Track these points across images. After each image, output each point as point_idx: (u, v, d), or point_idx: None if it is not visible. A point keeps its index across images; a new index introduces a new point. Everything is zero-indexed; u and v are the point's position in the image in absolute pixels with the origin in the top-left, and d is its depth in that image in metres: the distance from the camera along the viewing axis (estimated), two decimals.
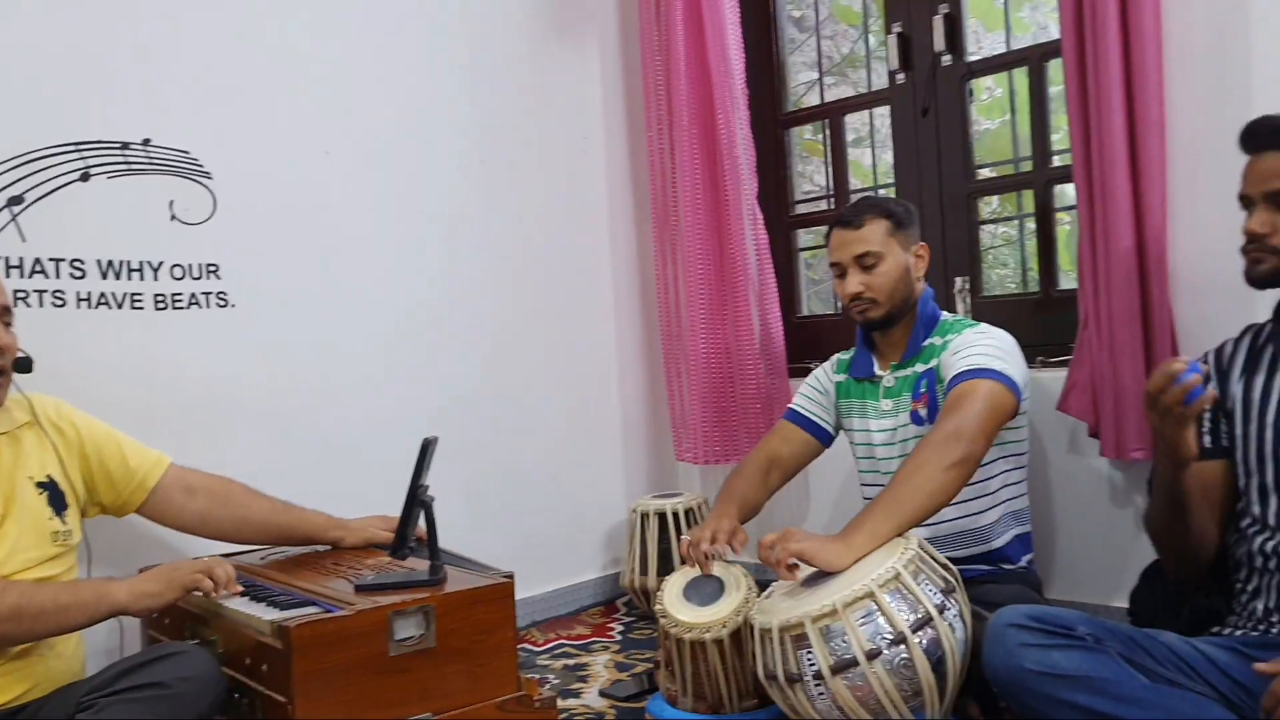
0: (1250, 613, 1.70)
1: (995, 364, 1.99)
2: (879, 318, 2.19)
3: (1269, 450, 1.67)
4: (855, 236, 2.17)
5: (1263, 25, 2.05)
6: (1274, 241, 1.60)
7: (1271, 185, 1.60)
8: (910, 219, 2.22)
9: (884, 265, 2.16)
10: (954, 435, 1.85)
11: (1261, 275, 1.63)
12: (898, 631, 1.61)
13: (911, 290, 2.20)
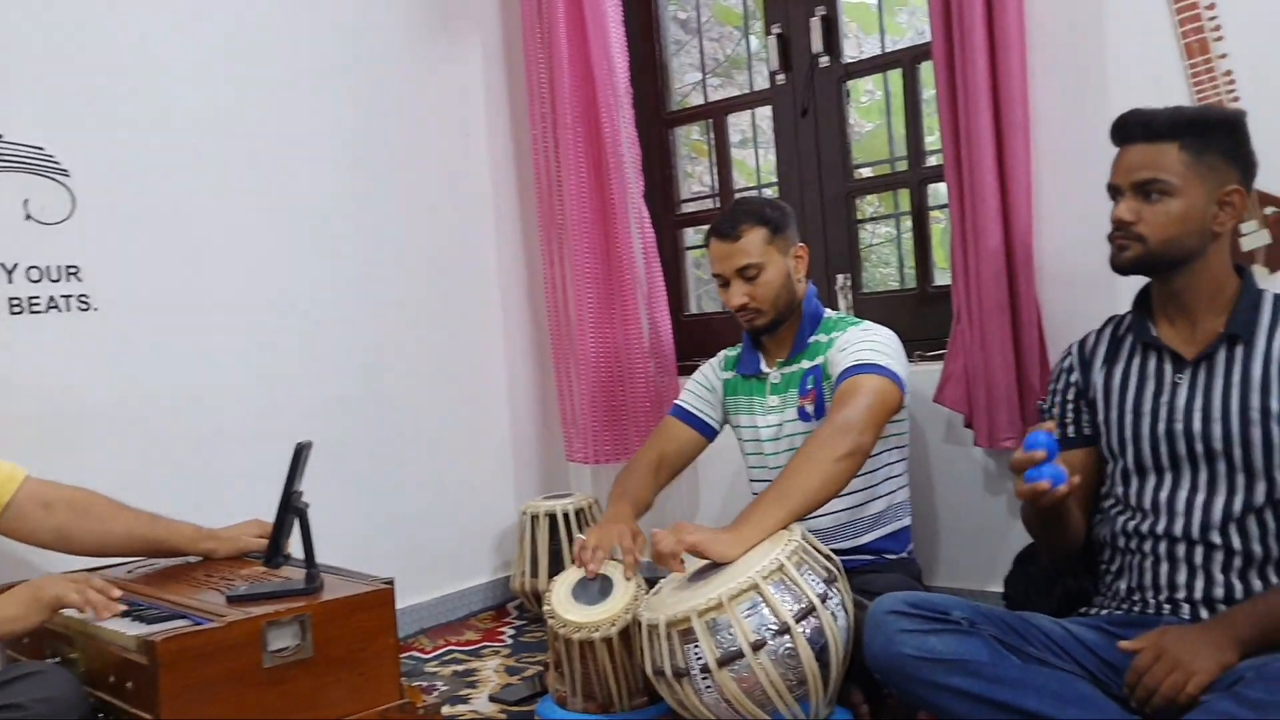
0: (1115, 592, 1.77)
1: (881, 359, 2.04)
2: (765, 325, 2.22)
3: (1129, 435, 1.74)
4: (735, 249, 2.18)
5: (1116, 30, 2.14)
6: (1139, 229, 1.66)
7: (1138, 175, 1.66)
8: (786, 222, 2.22)
9: (765, 275, 2.17)
10: (843, 428, 1.89)
11: (1126, 262, 1.70)
12: (782, 622, 1.62)
13: (794, 293, 2.22)
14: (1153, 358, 1.74)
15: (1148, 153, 1.66)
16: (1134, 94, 2.03)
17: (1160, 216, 1.64)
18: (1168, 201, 1.64)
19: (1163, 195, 1.64)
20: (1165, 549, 1.69)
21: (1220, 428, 1.64)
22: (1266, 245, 2.03)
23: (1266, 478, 1.61)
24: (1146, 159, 1.66)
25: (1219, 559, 1.64)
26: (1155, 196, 1.64)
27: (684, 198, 3.15)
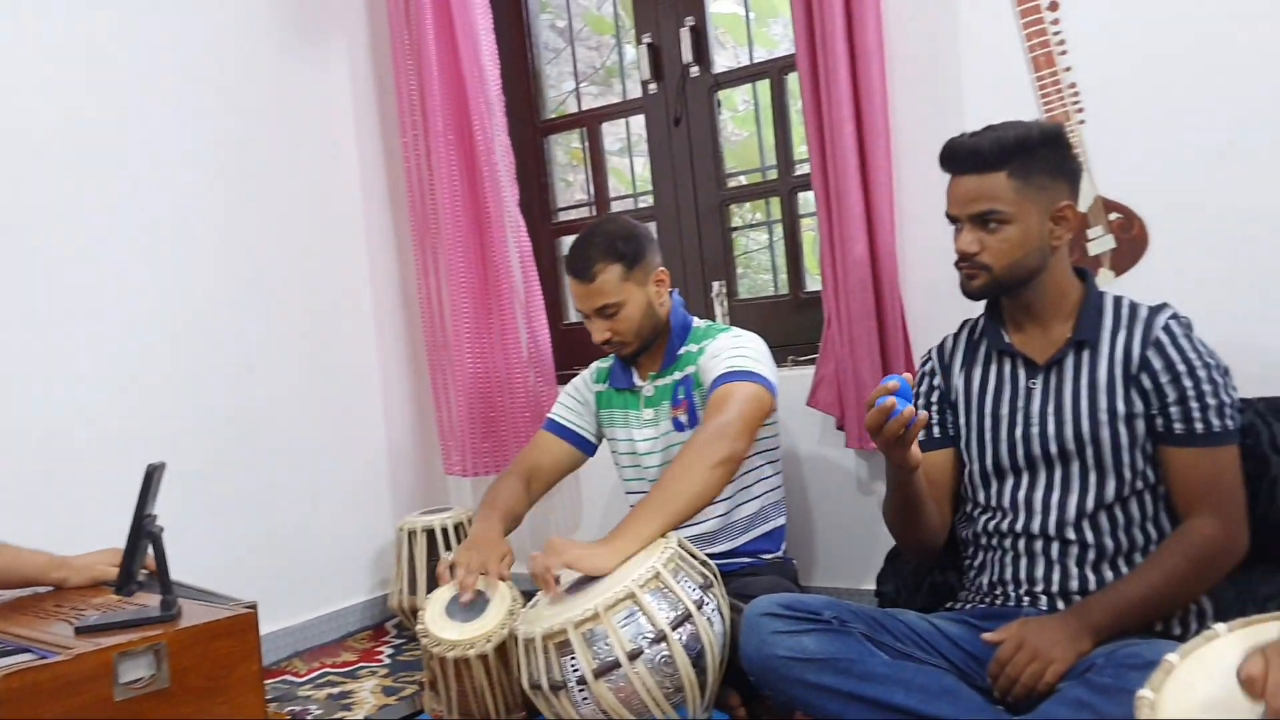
0: (978, 587, 1.83)
1: (752, 365, 2.06)
2: (632, 354, 2.23)
3: (988, 439, 1.80)
4: (591, 290, 2.15)
5: (970, 43, 2.22)
6: (982, 259, 1.71)
7: (974, 208, 1.70)
8: (641, 251, 2.16)
9: (625, 311, 2.15)
10: (718, 435, 1.90)
11: (975, 290, 1.75)
12: (658, 630, 1.62)
13: (658, 318, 2.21)
14: (1007, 363, 1.81)
15: (979, 184, 1.70)
16: (987, 104, 2.13)
17: (1001, 244, 1.69)
18: (1005, 229, 1.69)
19: (1000, 224, 1.69)
20: (1024, 545, 1.75)
21: (1072, 429, 1.70)
22: (1112, 249, 2.13)
23: (1116, 475, 1.69)
24: (979, 190, 1.70)
25: (1074, 553, 1.71)
26: (993, 226, 1.69)
27: (561, 206, 3.14)
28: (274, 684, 2.49)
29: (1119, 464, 1.69)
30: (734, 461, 1.91)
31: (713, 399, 2.01)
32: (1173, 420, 1.65)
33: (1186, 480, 1.65)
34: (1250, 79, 1.95)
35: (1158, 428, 1.67)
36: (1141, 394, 1.67)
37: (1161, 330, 1.68)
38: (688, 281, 2.78)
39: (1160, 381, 1.66)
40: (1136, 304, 1.73)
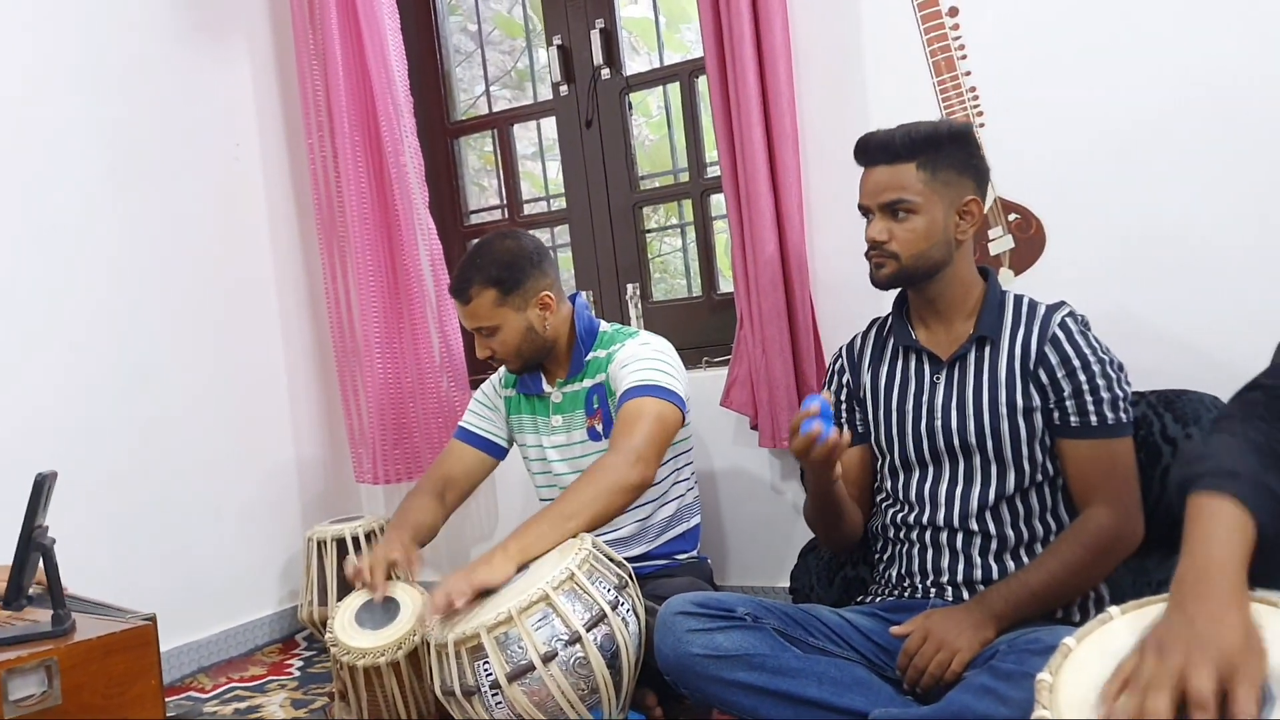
0: (887, 579, 1.86)
1: (662, 379, 2.05)
2: (519, 370, 2.22)
3: (895, 433, 1.84)
4: (467, 311, 2.14)
5: (874, 48, 2.27)
6: (891, 247, 1.75)
7: (884, 197, 1.75)
8: (521, 278, 2.12)
9: (501, 334, 2.14)
10: (633, 459, 1.90)
11: (884, 278, 1.79)
12: (573, 631, 1.62)
13: (544, 339, 2.18)
14: (913, 359, 1.85)
15: (889, 174, 1.75)
16: (891, 106, 2.17)
17: (908, 234, 1.74)
18: (913, 219, 1.73)
19: (908, 214, 1.73)
20: (930, 537, 1.79)
21: (974, 423, 1.75)
22: (1011, 249, 2.20)
23: (1016, 468, 1.74)
24: (889, 180, 1.75)
25: (977, 544, 1.75)
26: (902, 215, 1.74)
27: (473, 209, 3.11)
28: (177, 700, 2.41)
29: (1019, 457, 1.74)
30: (644, 488, 1.92)
31: (622, 415, 2.01)
32: (1069, 413, 1.71)
33: (1083, 471, 1.70)
34: (1141, 84, 2.02)
35: (1055, 421, 1.72)
36: (1039, 389, 1.73)
37: (1058, 327, 1.73)
38: (601, 284, 2.78)
39: (1057, 376, 1.71)
40: (1036, 302, 1.79)
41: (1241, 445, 1.12)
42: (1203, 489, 1.09)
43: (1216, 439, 1.16)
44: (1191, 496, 1.10)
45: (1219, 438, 1.16)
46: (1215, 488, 1.08)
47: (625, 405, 2.02)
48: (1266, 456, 1.11)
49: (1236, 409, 1.20)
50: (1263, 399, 1.18)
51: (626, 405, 2.01)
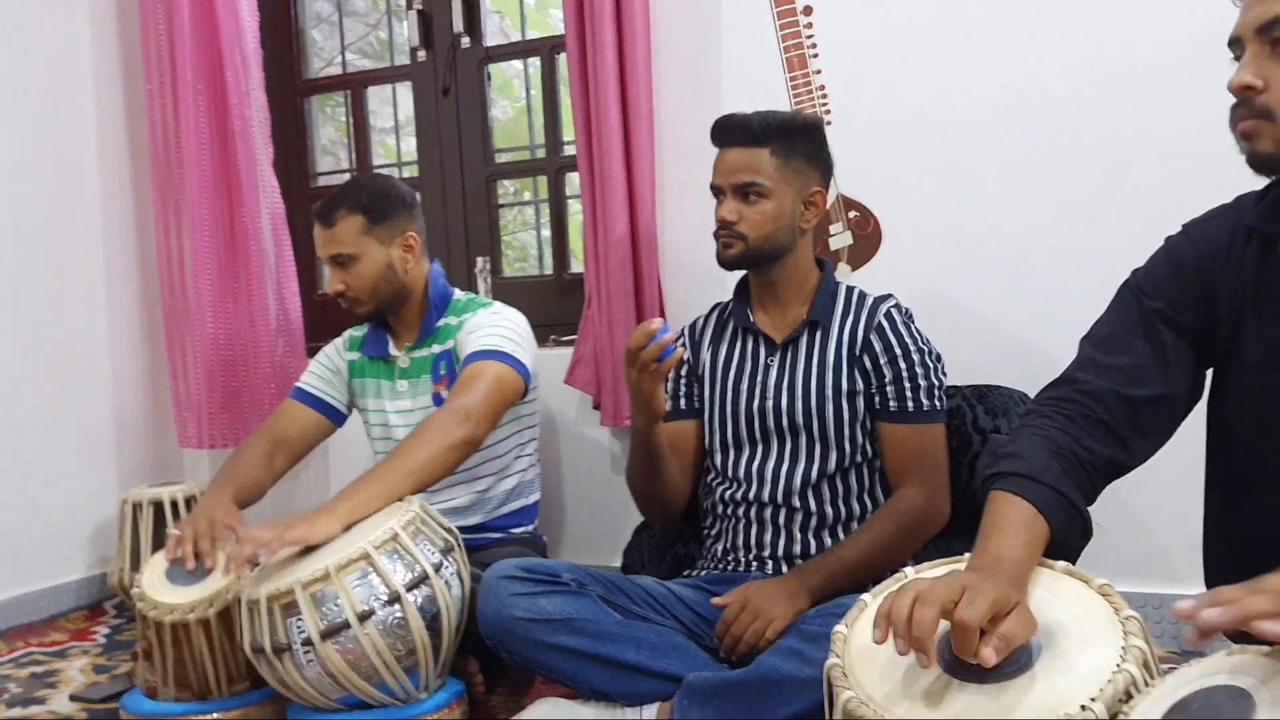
0: (713, 554, 1.91)
1: (507, 346, 2.04)
2: (366, 314, 2.17)
3: (728, 411, 1.89)
4: (328, 236, 2.10)
5: (731, 40, 2.32)
6: (740, 228, 1.81)
7: (737, 179, 1.81)
8: (392, 210, 2.12)
9: (359, 266, 2.10)
10: (461, 416, 1.88)
11: (731, 258, 1.84)
12: (392, 591, 1.59)
13: (401, 283, 2.15)
14: (750, 341, 1.91)
15: (744, 156, 1.81)
16: (745, 97, 2.21)
17: (757, 216, 1.80)
18: (763, 203, 1.80)
19: (759, 197, 1.80)
20: (755, 513, 1.85)
21: (802, 404, 1.82)
22: (850, 245, 2.28)
23: (838, 448, 1.81)
24: (743, 162, 1.81)
25: (799, 520, 1.82)
26: (753, 198, 1.80)
27: (320, 170, 3.02)
28: None
29: (841, 438, 1.81)
30: (472, 445, 1.89)
31: (462, 376, 1.99)
32: (889, 398, 1.79)
33: (898, 453, 1.79)
34: (972, 94, 2.14)
35: (876, 405, 1.81)
36: (863, 374, 1.81)
37: (884, 317, 1.82)
38: (451, 256, 2.75)
39: (880, 363, 1.80)
40: (865, 293, 1.88)
41: (1047, 448, 1.19)
42: (1005, 488, 1.16)
43: (1025, 438, 1.22)
44: (994, 491, 1.17)
45: (1027, 437, 1.22)
46: (1017, 490, 1.15)
47: (467, 368, 2.00)
48: (1068, 461, 1.18)
49: (1047, 406, 1.26)
50: (1073, 396, 1.25)
51: (467, 369, 2.00)
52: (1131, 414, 1.22)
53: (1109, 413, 1.22)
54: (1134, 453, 1.23)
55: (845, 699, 1.04)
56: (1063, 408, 1.24)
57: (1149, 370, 1.24)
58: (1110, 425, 1.22)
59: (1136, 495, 2.03)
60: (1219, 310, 1.23)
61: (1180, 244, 1.29)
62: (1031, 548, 1.11)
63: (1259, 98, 1.10)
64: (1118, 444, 1.22)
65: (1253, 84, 1.10)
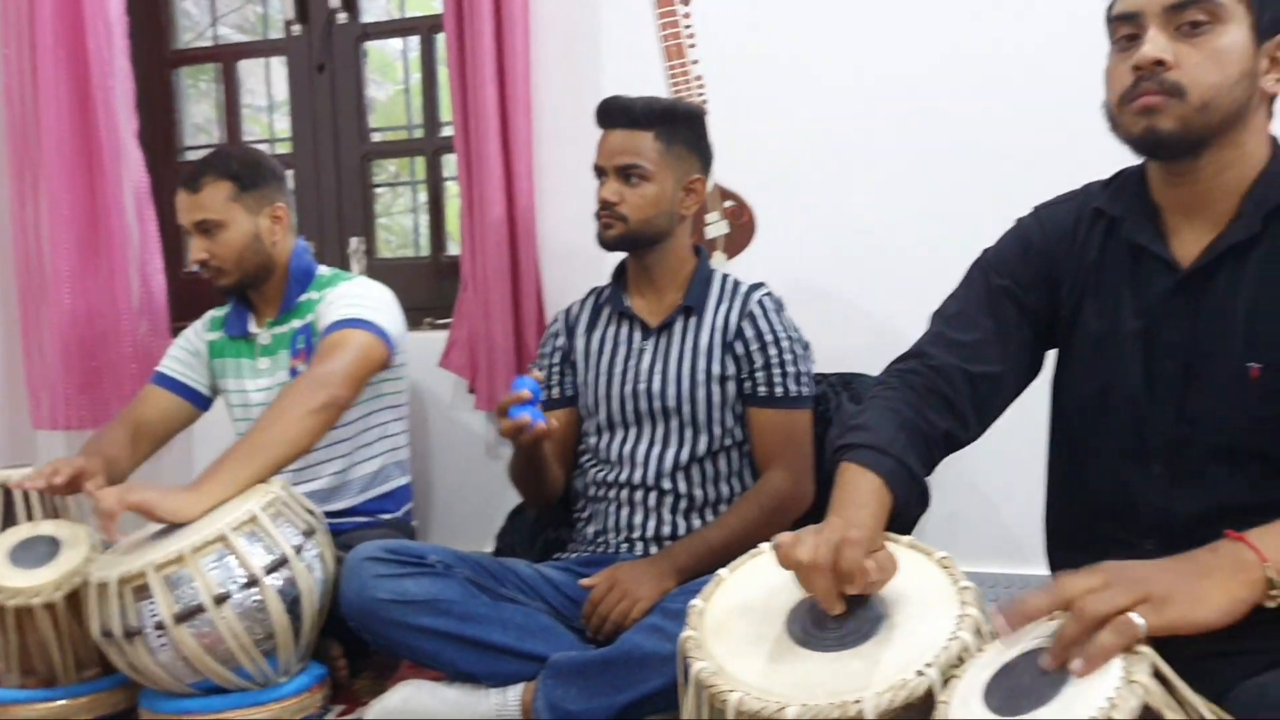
0: (584, 537, 1.92)
1: (368, 314, 2.00)
2: (230, 285, 2.12)
3: (602, 394, 1.91)
4: (194, 201, 2.05)
5: (611, 26, 2.32)
6: (621, 209, 1.83)
7: (620, 160, 1.83)
8: (262, 179, 2.10)
9: (226, 233, 2.06)
10: (320, 381, 1.84)
11: (611, 239, 1.86)
12: (250, 574, 1.56)
13: (267, 254, 2.11)
14: (625, 325, 1.93)
15: (628, 138, 1.83)
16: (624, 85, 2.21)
17: (638, 199, 1.82)
18: (644, 186, 1.82)
19: (641, 180, 1.82)
20: (626, 495, 1.87)
21: (674, 388, 1.85)
22: (725, 234, 2.32)
23: (709, 432, 1.85)
24: (626, 145, 1.83)
25: (669, 502, 1.85)
26: (634, 180, 1.82)
27: (188, 144, 2.92)
28: None
29: (711, 421, 1.85)
30: (334, 409, 1.84)
31: (323, 345, 1.96)
32: (758, 384, 1.84)
33: (765, 437, 1.84)
34: (845, 88, 2.19)
35: (746, 390, 1.85)
36: (735, 359, 1.85)
37: (756, 305, 1.86)
38: (324, 236, 2.68)
39: (750, 349, 1.84)
40: (739, 281, 1.92)
41: (895, 421, 1.24)
42: (855, 460, 1.20)
43: (874, 411, 1.26)
44: (845, 462, 1.21)
45: (877, 410, 1.26)
46: (866, 462, 1.19)
47: (328, 337, 1.97)
48: (913, 434, 1.23)
49: (895, 378, 1.31)
50: (920, 370, 1.30)
51: (329, 337, 1.96)
52: (972, 390, 1.28)
53: (952, 388, 1.27)
54: (969, 428, 1.29)
55: (697, 670, 1.07)
56: (910, 380, 1.29)
57: (991, 347, 1.29)
58: (952, 400, 1.27)
59: (989, 480, 2.14)
60: (1062, 291, 1.29)
61: (1030, 226, 1.35)
62: (879, 518, 1.16)
63: (1169, 73, 1.12)
64: (957, 419, 1.28)
65: (1164, 58, 1.12)
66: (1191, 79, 1.12)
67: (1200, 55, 1.12)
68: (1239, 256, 1.17)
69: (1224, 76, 1.12)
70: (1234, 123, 1.14)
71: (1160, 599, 0.93)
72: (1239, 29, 1.12)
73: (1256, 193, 1.17)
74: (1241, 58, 1.12)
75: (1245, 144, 1.16)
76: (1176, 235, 1.21)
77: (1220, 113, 1.13)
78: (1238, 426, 1.16)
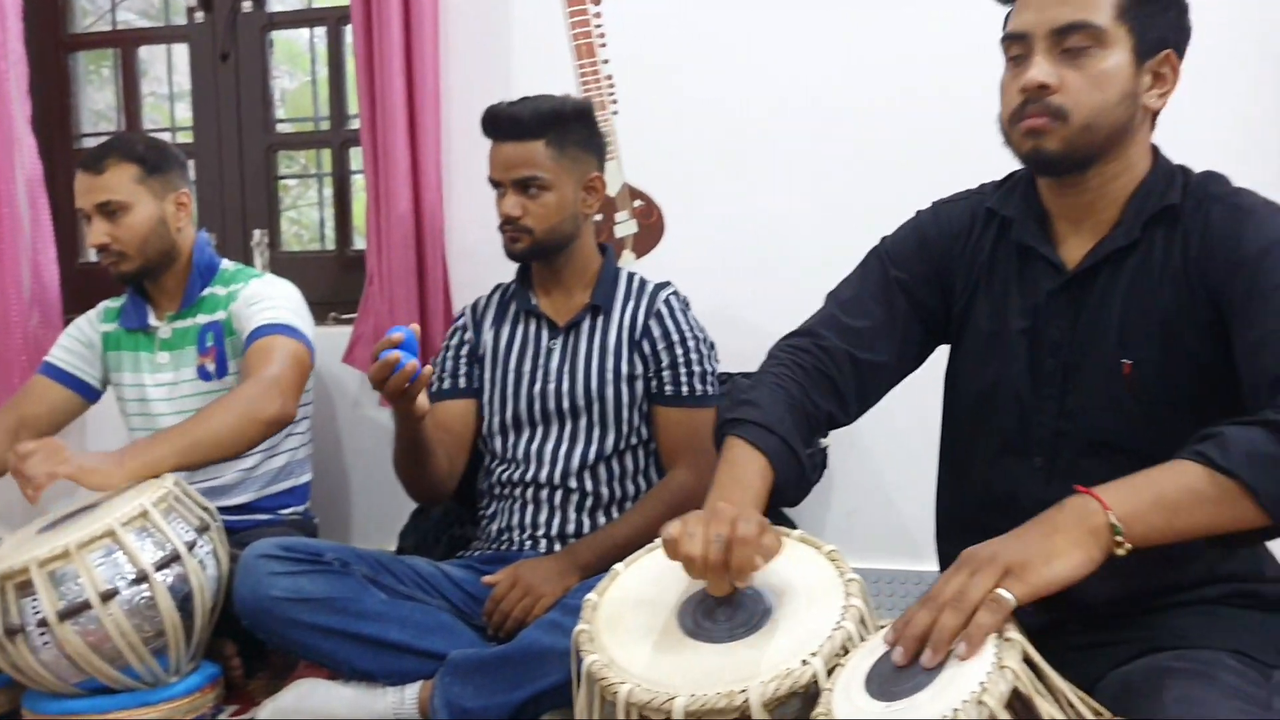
0: (488, 535, 1.92)
1: (293, 320, 2.00)
2: (133, 270, 2.06)
3: (509, 393, 1.91)
4: (97, 183, 2.00)
5: (522, 22, 2.33)
6: (526, 222, 1.82)
7: (517, 174, 1.81)
8: (167, 164, 2.08)
9: (130, 216, 2.01)
10: (276, 391, 1.82)
11: (519, 252, 1.85)
12: (140, 570, 1.53)
13: (171, 241, 2.07)
14: (532, 324, 1.93)
15: (520, 150, 1.82)
16: (534, 80, 2.23)
17: (541, 209, 1.82)
18: (545, 195, 1.82)
19: (540, 190, 1.81)
20: (531, 494, 1.87)
21: (583, 387, 1.85)
22: (635, 233, 2.33)
23: (616, 430, 1.86)
24: (521, 157, 1.82)
25: (574, 500, 1.85)
26: (534, 191, 1.81)
27: (86, 132, 2.83)
28: None
29: (619, 420, 1.86)
30: (282, 424, 1.84)
31: (254, 350, 1.93)
32: (664, 382, 1.85)
33: (670, 435, 1.85)
34: (751, 92, 2.23)
35: (653, 389, 1.86)
36: (642, 358, 1.86)
37: (662, 304, 1.88)
38: (226, 228, 2.63)
39: (658, 348, 1.86)
40: (645, 280, 1.93)
41: (784, 400, 1.27)
42: (743, 435, 1.22)
43: (764, 388, 1.29)
44: (731, 437, 1.23)
45: (766, 387, 1.29)
46: (753, 439, 1.22)
47: (258, 341, 1.94)
48: (798, 415, 1.26)
49: (786, 354, 1.34)
50: (811, 349, 1.32)
51: (259, 341, 1.94)
52: (858, 376, 1.32)
53: (839, 372, 1.31)
54: (850, 412, 1.34)
55: (589, 663, 1.08)
56: (801, 358, 1.32)
57: (881, 337, 1.33)
58: (838, 384, 1.31)
59: (888, 479, 2.20)
60: (955, 288, 1.34)
61: (927, 222, 1.39)
62: (763, 497, 1.19)
63: (1053, 96, 1.17)
64: (839, 402, 1.32)
65: (1048, 82, 1.16)
66: (1074, 102, 1.17)
67: (1083, 79, 1.17)
68: (1118, 260, 1.22)
69: (1105, 99, 1.17)
70: (1117, 140, 1.20)
71: (1019, 567, 0.96)
72: (1120, 52, 1.17)
73: (1137, 201, 1.22)
74: (1123, 80, 1.17)
75: (1129, 157, 1.22)
76: (1063, 238, 1.27)
77: (1103, 133, 1.18)
78: (1112, 422, 1.21)
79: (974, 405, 1.32)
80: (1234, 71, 1.98)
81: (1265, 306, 1.10)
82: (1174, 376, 1.18)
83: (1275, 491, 0.97)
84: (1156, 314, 1.19)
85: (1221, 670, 1.07)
